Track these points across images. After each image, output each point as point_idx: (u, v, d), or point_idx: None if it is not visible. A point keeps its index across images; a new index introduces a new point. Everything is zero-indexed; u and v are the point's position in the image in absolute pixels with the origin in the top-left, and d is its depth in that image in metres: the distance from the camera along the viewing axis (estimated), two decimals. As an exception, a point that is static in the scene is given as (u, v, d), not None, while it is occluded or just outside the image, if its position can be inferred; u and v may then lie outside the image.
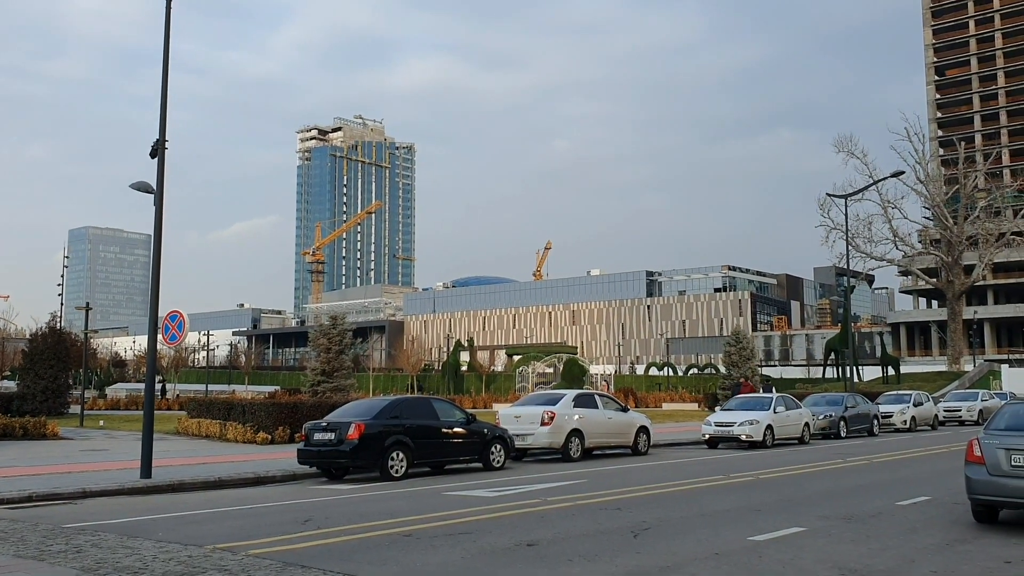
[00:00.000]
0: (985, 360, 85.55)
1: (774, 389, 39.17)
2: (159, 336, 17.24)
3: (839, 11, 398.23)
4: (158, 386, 67.77)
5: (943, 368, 75.61)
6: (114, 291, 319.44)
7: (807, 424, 27.99)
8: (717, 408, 32.77)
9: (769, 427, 25.75)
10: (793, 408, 27.91)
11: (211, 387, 71.18)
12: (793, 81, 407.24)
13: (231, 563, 8.52)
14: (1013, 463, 10.36)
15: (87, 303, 48.74)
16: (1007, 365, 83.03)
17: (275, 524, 11.15)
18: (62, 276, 69.76)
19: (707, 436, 26.06)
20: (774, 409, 26.50)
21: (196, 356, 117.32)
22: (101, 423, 35.03)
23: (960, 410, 40.65)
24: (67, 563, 8.50)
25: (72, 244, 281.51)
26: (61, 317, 52.09)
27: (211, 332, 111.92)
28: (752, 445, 25.43)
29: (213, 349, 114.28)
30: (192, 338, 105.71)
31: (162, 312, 17.40)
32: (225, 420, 27.50)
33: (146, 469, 15.91)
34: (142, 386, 41.64)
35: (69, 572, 8.12)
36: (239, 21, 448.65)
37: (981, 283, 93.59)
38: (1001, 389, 57.77)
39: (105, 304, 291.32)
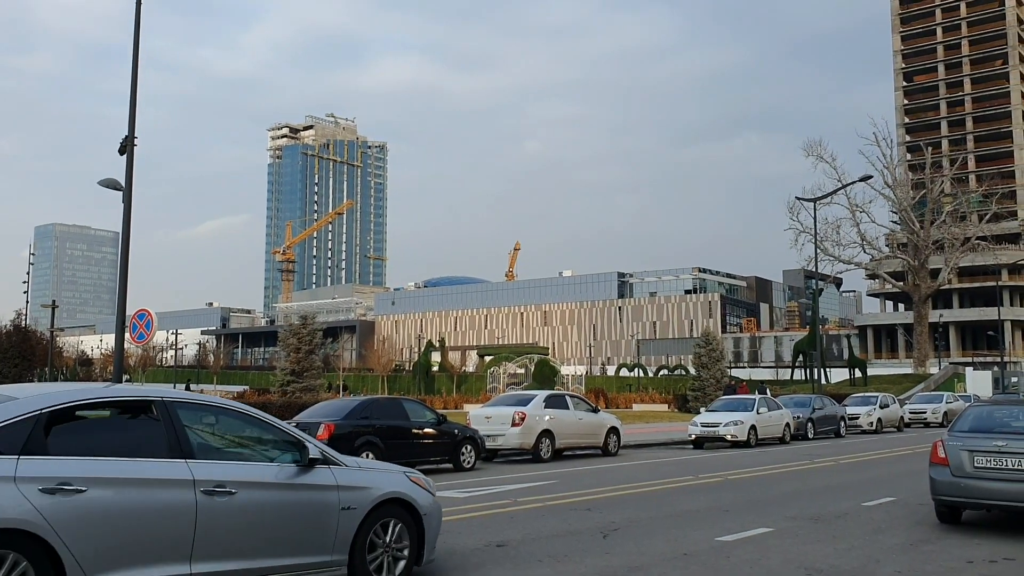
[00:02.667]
0: (950, 363, 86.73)
1: (769, 391, 39.68)
2: (127, 335, 17.07)
3: (809, 17, 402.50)
4: (181, 386, 67.19)
5: (909, 370, 76.54)
6: (81, 289, 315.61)
7: (788, 424, 28.79)
8: (702, 409, 33.40)
9: (753, 427, 26.63)
10: (775, 409, 28.76)
11: (179, 386, 70.55)
12: (763, 86, 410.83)
13: (198, 564, 8.45)
14: (976, 464, 10.51)
15: (53, 301, 48.20)
16: (971, 368, 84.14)
17: (243, 525, 11.05)
18: (28, 273, 68.75)
19: (693, 436, 26.86)
20: (757, 410, 27.38)
21: (164, 355, 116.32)
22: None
23: (925, 412, 41.15)
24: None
25: (38, 241, 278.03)
26: (26, 315, 51.35)
27: (179, 331, 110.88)
28: (736, 445, 26.14)
29: (181, 348, 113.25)
30: (160, 337, 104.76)
31: (130, 310, 17.23)
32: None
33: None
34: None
35: (33, 573, 8.00)
36: (211, 19, 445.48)
37: (947, 287, 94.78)
38: (965, 391, 58.55)
39: (72, 302, 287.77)
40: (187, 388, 57.97)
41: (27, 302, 64.97)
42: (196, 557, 6.01)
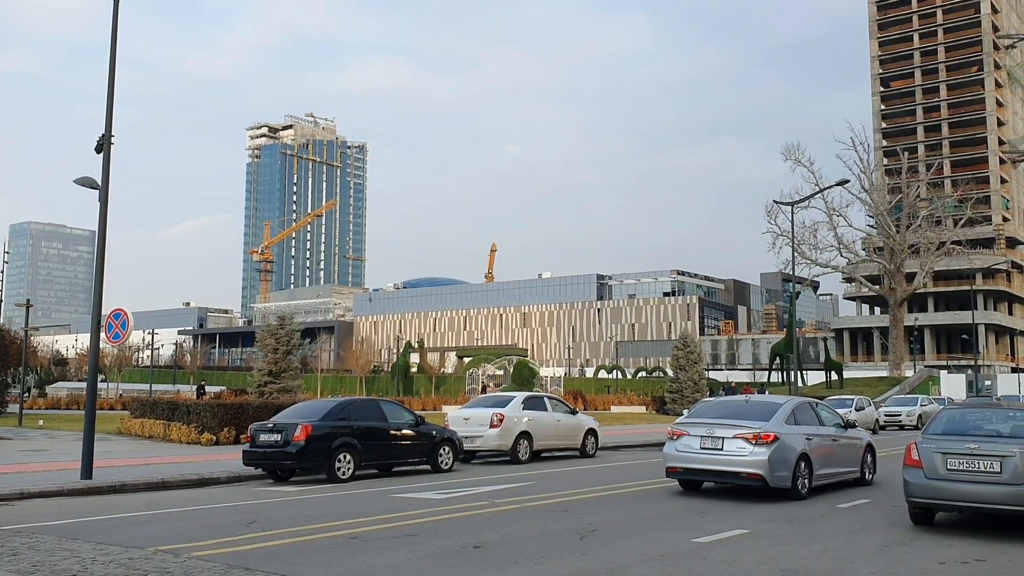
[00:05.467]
0: (925, 366, 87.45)
1: (768, 393, 39.85)
2: (102, 334, 16.93)
3: (787, 24, 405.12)
4: (160, 387, 66.12)
5: (885, 374, 77.06)
6: (56, 288, 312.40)
7: None
8: (685, 411, 33.50)
9: None
10: None
11: (155, 387, 69.97)
12: (741, 91, 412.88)
13: (173, 565, 8.40)
14: (949, 467, 10.62)
15: (28, 300, 47.64)
16: (946, 371, 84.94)
17: (219, 526, 11.02)
18: (2, 272, 68.00)
19: None
20: None
21: (140, 355, 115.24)
22: (40, 423, 34.26)
23: (900, 415, 41.42)
24: (2, 566, 8.30)
25: (13, 239, 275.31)
26: (0, 314, 50.77)
27: (156, 331, 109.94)
28: None
29: (158, 348, 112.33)
30: (136, 337, 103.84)
31: (106, 310, 17.08)
32: (169, 420, 27.06)
33: (87, 470, 15.60)
34: (84, 385, 40.80)
35: (4, 575, 7.93)
36: (189, 19, 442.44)
37: (922, 291, 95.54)
38: (940, 394, 59.03)
39: (47, 301, 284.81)
40: (200, 389, 57.30)
41: (1, 301, 64.24)
42: (834, 465, 14.96)
